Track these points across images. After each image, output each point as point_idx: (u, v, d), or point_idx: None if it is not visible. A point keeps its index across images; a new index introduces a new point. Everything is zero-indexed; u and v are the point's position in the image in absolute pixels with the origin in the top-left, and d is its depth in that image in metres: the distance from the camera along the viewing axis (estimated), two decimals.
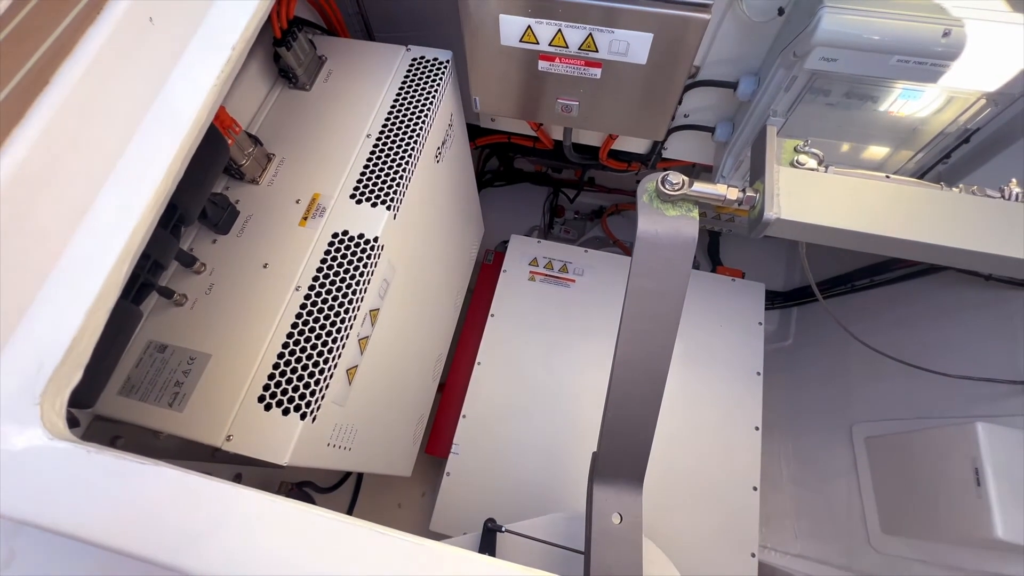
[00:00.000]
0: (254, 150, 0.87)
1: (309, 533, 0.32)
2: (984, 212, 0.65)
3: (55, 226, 0.40)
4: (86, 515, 0.32)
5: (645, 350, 0.71)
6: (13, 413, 0.35)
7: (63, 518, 0.32)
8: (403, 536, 0.34)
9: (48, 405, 0.35)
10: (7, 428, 0.35)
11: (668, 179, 0.67)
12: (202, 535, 0.31)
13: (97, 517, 0.32)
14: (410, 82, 0.97)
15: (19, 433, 0.34)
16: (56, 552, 0.38)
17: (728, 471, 1.37)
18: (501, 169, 1.99)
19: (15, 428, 0.34)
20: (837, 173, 0.69)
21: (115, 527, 0.31)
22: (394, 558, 0.33)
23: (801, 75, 0.85)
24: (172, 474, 0.33)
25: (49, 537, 0.38)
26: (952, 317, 1.38)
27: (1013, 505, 1.05)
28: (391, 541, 0.33)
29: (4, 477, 0.33)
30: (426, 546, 0.34)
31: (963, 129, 0.88)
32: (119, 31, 0.49)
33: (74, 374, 0.37)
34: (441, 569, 0.33)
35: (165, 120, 0.45)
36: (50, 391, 0.36)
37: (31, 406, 0.35)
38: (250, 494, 0.33)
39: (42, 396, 0.35)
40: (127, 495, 0.32)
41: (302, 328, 0.76)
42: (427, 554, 0.33)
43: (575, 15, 0.83)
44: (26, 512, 0.32)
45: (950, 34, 0.73)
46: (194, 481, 0.33)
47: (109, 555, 0.36)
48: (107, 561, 0.38)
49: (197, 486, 0.33)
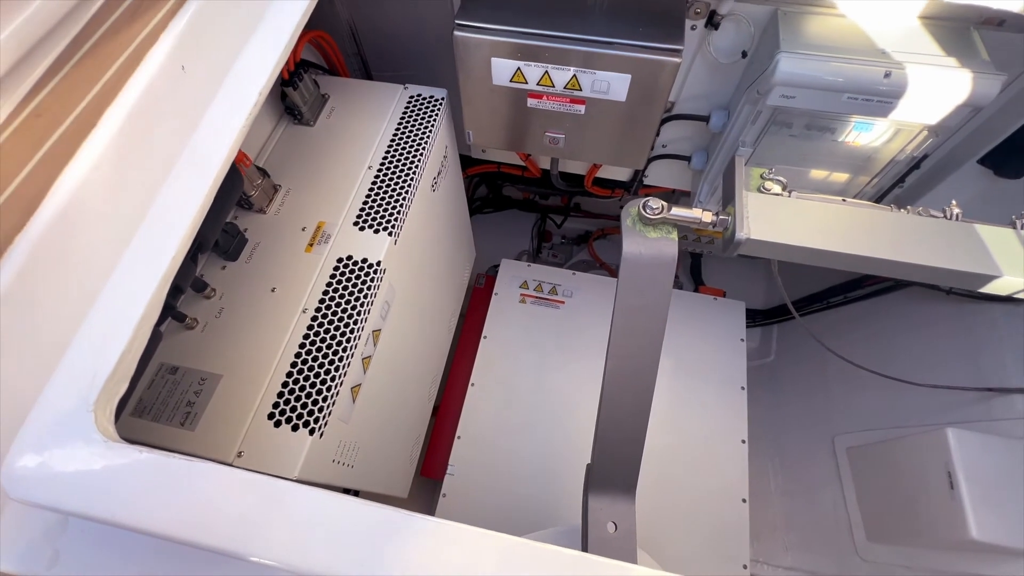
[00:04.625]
0: (262, 182, 0.92)
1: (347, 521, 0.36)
2: (928, 230, 0.72)
3: (105, 251, 0.45)
4: (141, 507, 0.35)
5: (634, 361, 0.77)
6: (69, 420, 0.38)
7: (120, 511, 0.35)
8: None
9: (100, 412, 0.39)
10: (65, 434, 0.38)
11: (649, 204, 0.74)
12: (256, 523, 0.34)
13: (152, 509, 0.35)
14: (408, 118, 1.05)
15: (75, 437, 0.38)
16: (98, 552, 0.41)
17: (717, 484, 1.40)
18: (490, 196, 2.07)
19: (72, 433, 0.38)
20: (799, 197, 0.77)
21: (171, 517, 0.35)
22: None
23: (765, 110, 0.94)
24: (219, 469, 0.37)
25: (90, 537, 0.41)
26: (920, 330, 1.47)
27: (986, 506, 1.10)
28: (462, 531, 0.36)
29: (64, 477, 0.37)
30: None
31: (911, 157, 0.97)
32: (156, 79, 0.55)
33: (121, 385, 0.41)
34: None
35: (199, 159, 0.50)
36: (101, 400, 0.39)
37: (85, 413, 0.39)
38: (294, 487, 0.37)
39: (95, 404, 0.39)
40: (178, 488, 0.36)
41: (309, 348, 0.80)
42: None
43: (560, 59, 0.92)
44: (85, 507, 0.36)
45: (891, 75, 0.83)
46: (243, 475, 0.37)
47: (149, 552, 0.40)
48: (147, 558, 0.41)
49: (246, 479, 0.37)
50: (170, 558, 0.39)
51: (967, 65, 0.82)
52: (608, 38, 0.89)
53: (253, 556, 0.34)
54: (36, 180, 0.45)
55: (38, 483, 0.36)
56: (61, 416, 0.38)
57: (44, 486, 0.36)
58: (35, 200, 0.44)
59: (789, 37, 0.87)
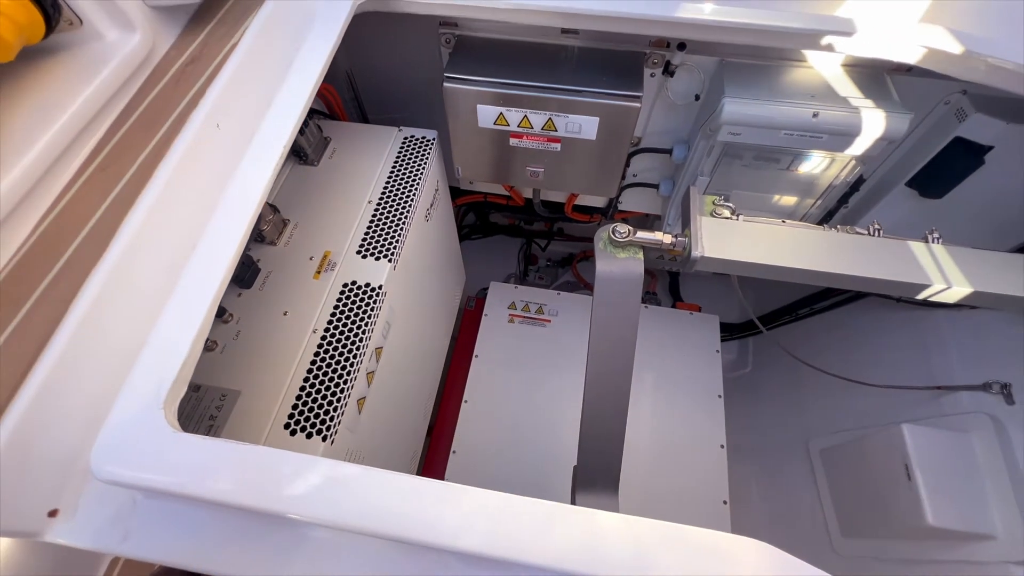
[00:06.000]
0: (273, 217, 1.03)
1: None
2: (853, 245, 0.85)
3: (160, 279, 0.55)
4: (210, 481, 0.44)
5: (610, 366, 0.87)
6: (144, 416, 0.47)
7: (193, 486, 0.44)
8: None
9: (168, 409, 0.48)
10: (141, 427, 0.47)
11: (617, 229, 0.86)
12: (306, 494, 0.43)
13: (219, 482, 0.44)
14: (403, 157, 1.17)
15: (149, 429, 0.46)
16: (161, 530, 0.49)
17: (699, 487, 1.49)
18: (478, 223, 2.19)
19: (146, 426, 0.47)
20: (746, 220, 0.89)
21: (234, 487, 0.43)
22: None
23: (716, 145, 1.08)
24: (270, 451, 0.46)
25: (154, 517, 0.50)
26: (878, 336, 1.59)
27: (940, 495, 1.20)
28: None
29: (143, 459, 0.45)
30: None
31: (845, 182, 1.11)
32: (197, 136, 0.66)
33: (182, 387, 0.50)
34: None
35: (238, 202, 0.61)
36: (169, 399, 0.48)
37: (157, 410, 0.47)
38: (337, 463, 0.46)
39: (164, 403, 0.48)
40: (240, 464, 0.45)
41: (320, 364, 0.89)
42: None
43: (537, 105, 1.05)
44: (163, 483, 0.44)
45: (819, 115, 0.97)
46: (299, 457, 0.46)
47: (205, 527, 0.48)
48: (203, 532, 0.49)
49: (300, 460, 0.46)
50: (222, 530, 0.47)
51: (881, 106, 0.96)
52: (578, 87, 1.02)
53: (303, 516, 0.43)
54: (107, 221, 0.55)
55: (121, 465, 0.45)
56: (137, 413, 0.47)
57: (126, 467, 0.45)
58: (108, 236, 0.53)
59: (732, 84, 1.01)
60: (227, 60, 0.72)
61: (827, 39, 0.90)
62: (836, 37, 0.89)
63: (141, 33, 0.69)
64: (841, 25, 0.88)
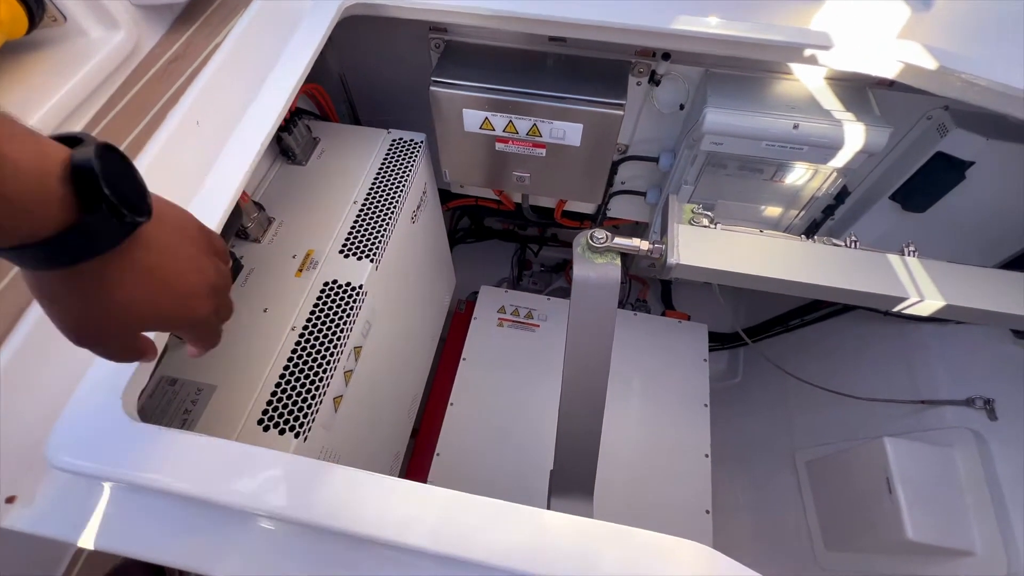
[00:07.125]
0: (258, 214, 1.04)
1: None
2: (828, 256, 0.85)
3: None
4: (159, 471, 0.44)
5: (586, 372, 0.87)
6: (102, 407, 0.47)
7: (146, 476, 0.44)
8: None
9: (127, 400, 0.48)
10: (99, 416, 0.47)
11: (595, 235, 0.86)
12: (264, 488, 0.44)
13: (179, 474, 0.44)
14: (390, 158, 1.18)
15: (107, 419, 0.47)
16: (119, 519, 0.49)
17: (682, 496, 1.49)
18: (472, 227, 2.20)
19: (104, 416, 0.47)
20: (724, 229, 0.90)
21: (195, 480, 0.44)
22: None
23: (700, 154, 1.09)
24: (232, 444, 0.46)
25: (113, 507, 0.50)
26: (865, 349, 1.59)
27: (920, 509, 1.19)
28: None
29: (99, 449, 0.46)
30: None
31: (828, 194, 1.12)
32: (176, 131, 0.67)
33: (143, 379, 0.51)
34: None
35: (216, 195, 0.62)
36: (128, 390, 0.49)
37: (115, 400, 0.48)
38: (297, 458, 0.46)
39: (123, 393, 0.48)
40: (199, 458, 0.45)
41: (296, 361, 0.89)
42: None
43: (522, 110, 1.06)
44: (117, 473, 0.44)
45: (799, 127, 0.98)
46: (256, 450, 0.46)
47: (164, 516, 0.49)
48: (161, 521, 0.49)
49: (257, 453, 0.46)
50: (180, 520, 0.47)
51: (861, 119, 0.97)
52: (562, 94, 1.03)
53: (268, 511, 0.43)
54: None
55: (75, 454, 0.45)
56: (95, 403, 0.48)
57: (80, 456, 0.45)
58: None
59: (715, 94, 1.02)
60: (210, 58, 0.73)
61: (808, 51, 0.91)
62: (816, 50, 0.90)
63: (125, 30, 0.70)
64: (821, 39, 0.89)
